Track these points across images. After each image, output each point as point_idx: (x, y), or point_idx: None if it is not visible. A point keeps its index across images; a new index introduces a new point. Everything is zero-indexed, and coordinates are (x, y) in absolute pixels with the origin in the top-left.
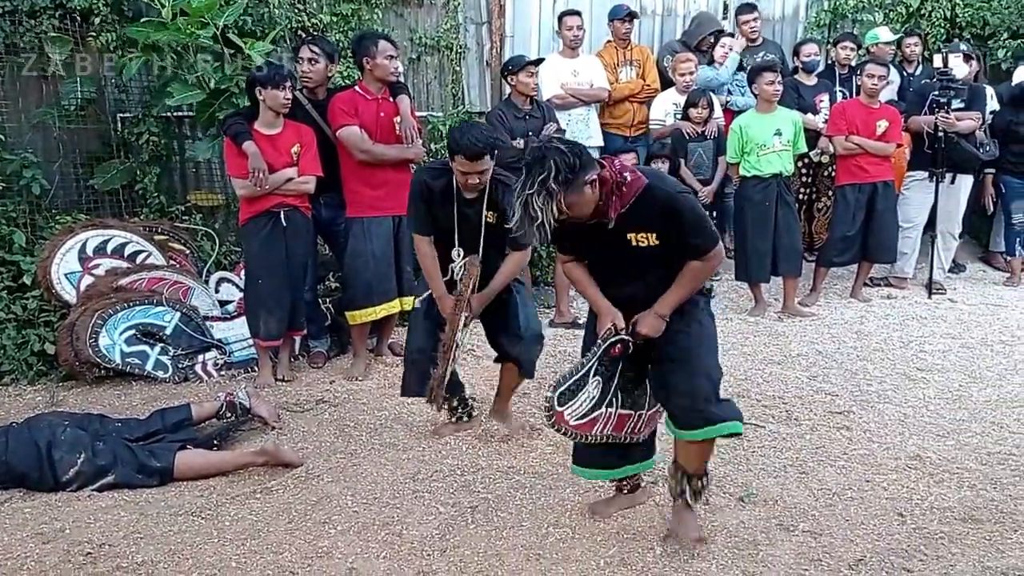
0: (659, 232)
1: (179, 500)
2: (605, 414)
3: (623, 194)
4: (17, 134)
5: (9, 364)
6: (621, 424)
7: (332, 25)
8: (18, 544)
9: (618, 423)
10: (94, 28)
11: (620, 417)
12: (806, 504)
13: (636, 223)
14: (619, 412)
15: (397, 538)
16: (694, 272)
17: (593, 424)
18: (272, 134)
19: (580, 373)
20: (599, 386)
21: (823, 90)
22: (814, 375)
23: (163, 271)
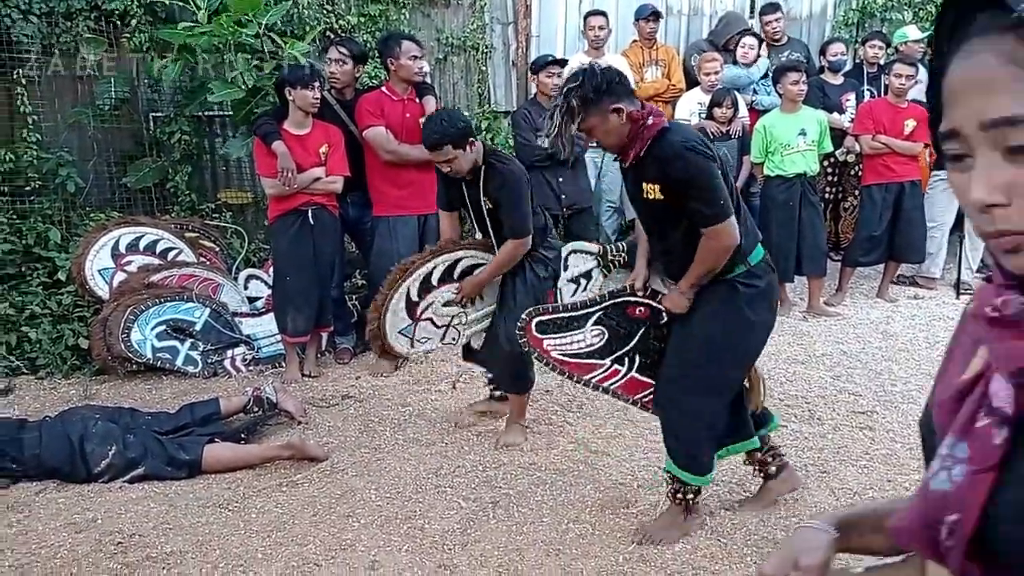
0: (662, 185)
1: (207, 492)
2: (610, 368)
3: (643, 137)
4: (53, 133)
5: (44, 358)
6: (632, 387)
7: (360, 26)
8: (52, 533)
9: (628, 385)
10: (128, 29)
11: (632, 381)
12: (826, 503)
13: (647, 172)
14: (633, 375)
15: (419, 532)
16: (703, 248)
17: (587, 369)
18: (301, 134)
19: (573, 313)
20: (602, 337)
21: (850, 89)
22: (838, 375)
23: (193, 268)
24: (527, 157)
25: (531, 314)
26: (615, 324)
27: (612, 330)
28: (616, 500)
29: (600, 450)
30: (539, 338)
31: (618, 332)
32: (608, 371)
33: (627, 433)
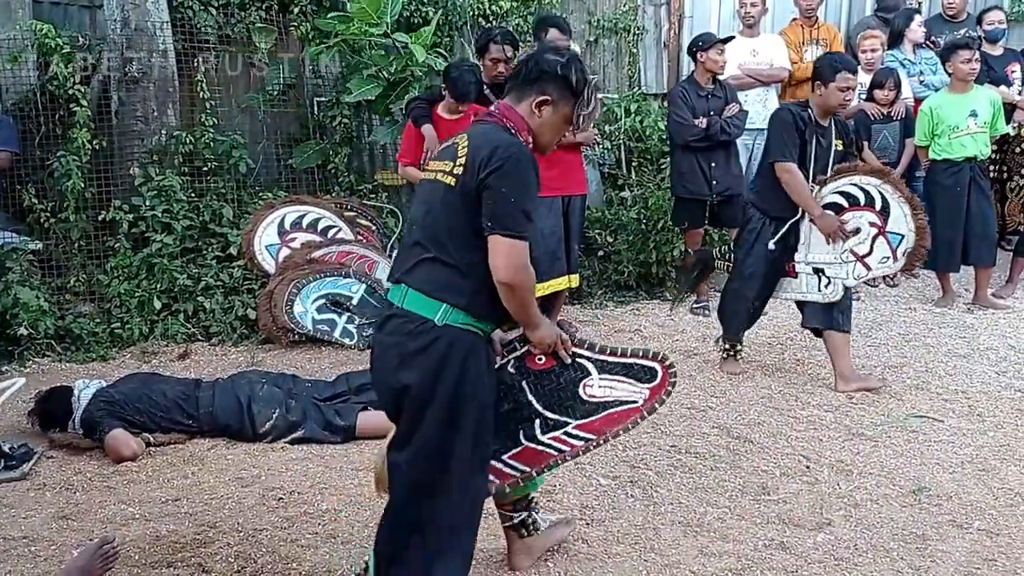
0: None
1: (360, 457)
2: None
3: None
4: (227, 118)
5: (217, 326)
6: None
7: (513, 10)
8: (221, 486)
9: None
10: (295, 18)
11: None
12: (984, 502)
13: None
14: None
15: (558, 504)
16: None
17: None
18: (454, 118)
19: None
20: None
21: (1012, 59)
22: (1003, 370)
23: (352, 245)
24: (682, 137)
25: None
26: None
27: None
28: (756, 486)
29: (742, 436)
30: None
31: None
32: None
33: (771, 420)
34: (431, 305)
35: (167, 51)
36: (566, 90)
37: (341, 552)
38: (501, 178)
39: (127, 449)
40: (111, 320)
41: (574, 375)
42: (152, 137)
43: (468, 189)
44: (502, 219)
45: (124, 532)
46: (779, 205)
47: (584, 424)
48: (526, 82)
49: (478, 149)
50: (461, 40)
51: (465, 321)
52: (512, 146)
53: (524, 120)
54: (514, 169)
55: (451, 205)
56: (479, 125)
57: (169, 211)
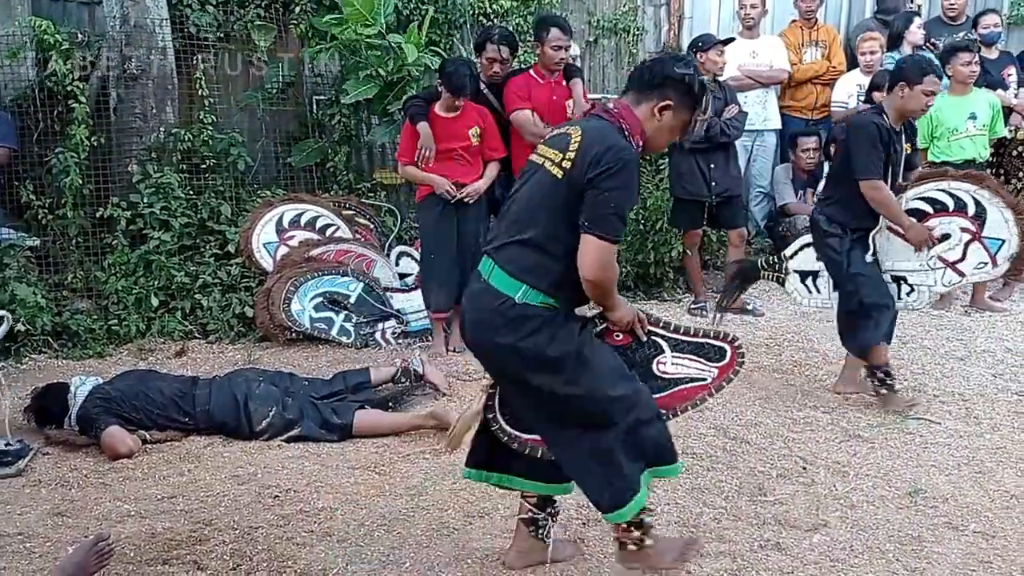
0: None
1: (356, 455)
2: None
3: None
4: (226, 115)
5: (214, 324)
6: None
7: (513, 10)
8: (217, 483)
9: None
10: (294, 17)
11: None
12: (980, 505)
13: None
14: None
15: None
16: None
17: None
18: (450, 116)
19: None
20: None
21: (1009, 62)
22: (1000, 372)
23: (350, 244)
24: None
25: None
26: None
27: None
28: (752, 487)
29: (739, 437)
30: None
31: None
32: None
33: (768, 421)
34: (513, 285)
35: (166, 48)
36: (688, 97)
37: (336, 550)
38: (607, 180)
39: (123, 446)
40: (108, 317)
41: (648, 352)
42: (151, 134)
43: (574, 184)
44: (600, 221)
45: (119, 529)
46: (859, 217)
47: (656, 399)
48: (649, 86)
49: (590, 146)
50: (459, 39)
51: (544, 301)
52: (623, 150)
53: (641, 123)
54: (622, 173)
55: (554, 195)
56: (594, 120)
57: (167, 208)
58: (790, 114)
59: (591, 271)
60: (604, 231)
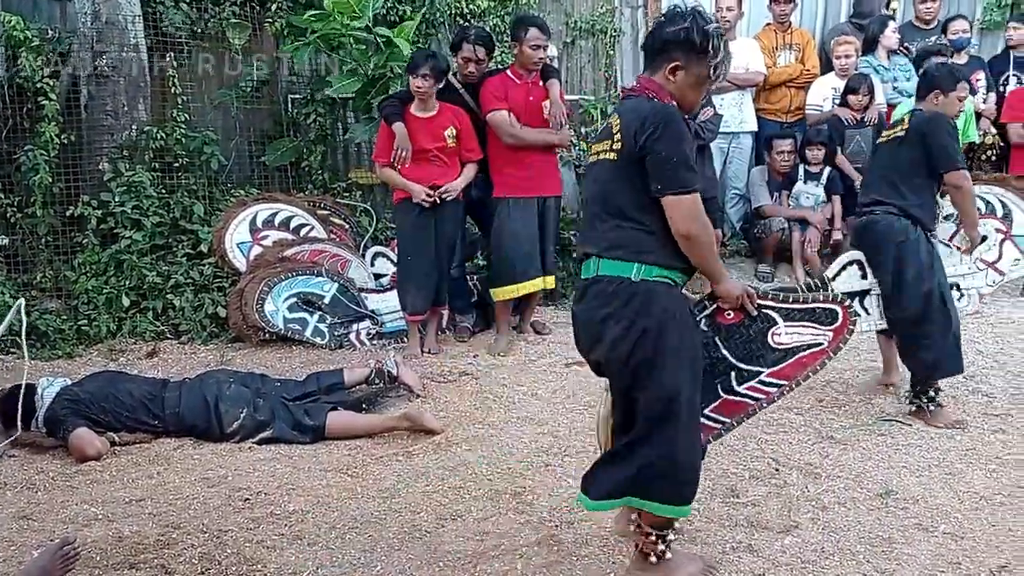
0: None
1: (329, 457)
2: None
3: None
4: (200, 114)
5: (186, 324)
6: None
7: (490, 10)
8: (187, 486)
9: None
10: (270, 14)
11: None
12: (949, 506)
13: None
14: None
15: (528, 507)
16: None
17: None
18: (426, 116)
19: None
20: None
21: (977, 67)
22: (971, 375)
23: (324, 244)
24: None
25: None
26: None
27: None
28: (725, 489)
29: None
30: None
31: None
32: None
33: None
34: (625, 267)
35: (138, 45)
36: (692, 52)
37: (307, 554)
38: (658, 141)
39: (91, 448)
40: (78, 317)
41: (762, 326)
42: (122, 132)
43: (631, 158)
44: (668, 181)
45: (86, 533)
46: (932, 216)
47: (776, 371)
48: (654, 54)
49: (630, 122)
50: (437, 38)
51: (659, 274)
52: (658, 110)
53: (664, 88)
54: (666, 129)
55: (619, 176)
56: (626, 102)
57: (139, 207)
58: (765, 117)
59: (683, 226)
60: (676, 186)
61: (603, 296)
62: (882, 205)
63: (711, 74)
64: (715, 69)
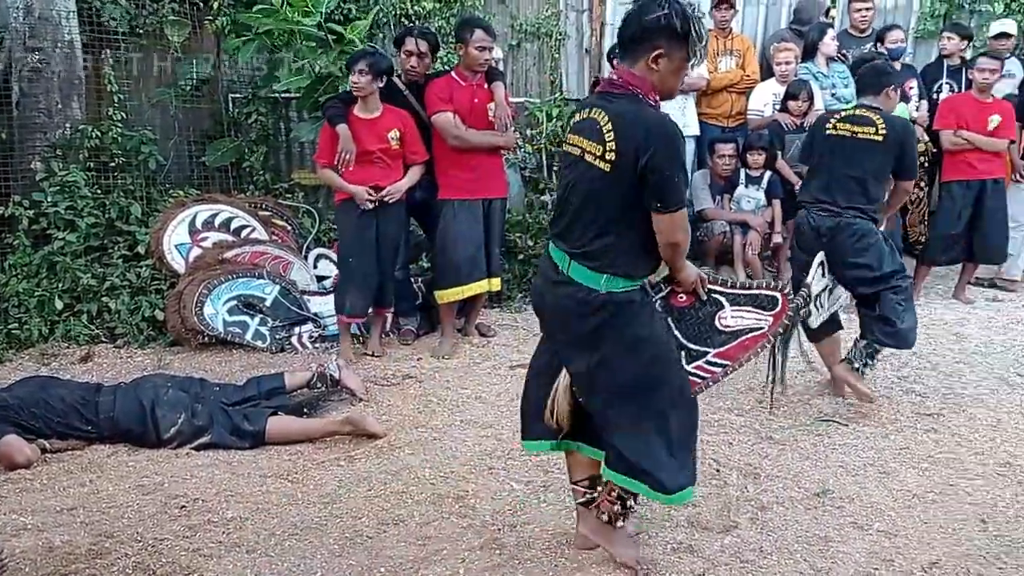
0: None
1: (269, 463)
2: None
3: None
4: (138, 112)
5: (122, 327)
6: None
7: (435, 12)
8: (121, 494)
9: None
10: (211, 12)
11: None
12: (883, 504)
13: None
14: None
15: (470, 511)
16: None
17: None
18: (369, 118)
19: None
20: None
21: (910, 75)
22: (905, 375)
23: (266, 246)
24: None
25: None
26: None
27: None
28: None
29: None
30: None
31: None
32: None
33: None
34: (594, 277)
35: (73, 42)
36: (674, 38)
37: (245, 561)
38: (661, 161)
39: (20, 456)
40: (8, 320)
41: (711, 309)
42: (56, 130)
43: (626, 173)
44: (669, 199)
45: (15, 543)
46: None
47: (721, 352)
48: (634, 43)
49: (628, 135)
50: (383, 39)
51: (625, 285)
52: (661, 125)
53: (646, 80)
54: (668, 149)
55: (610, 187)
56: (613, 102)
57: (73, 208)
58: (707, 121)
59: (673, 237)
60: (674, 204)
61: (572, 298)
62: (852, 209)
63: (691, 56)
64: (695, 52)
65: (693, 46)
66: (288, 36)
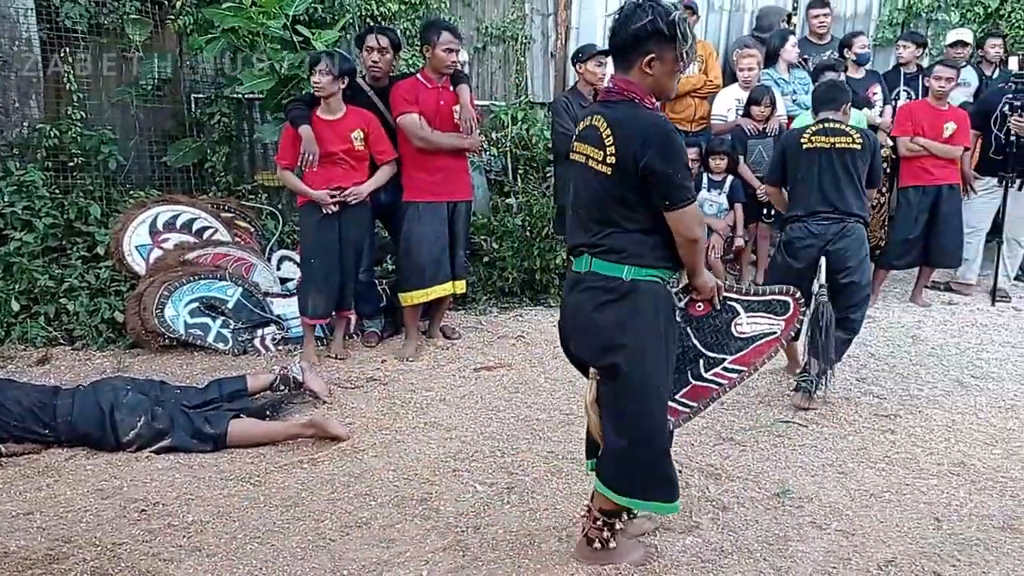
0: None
1: (230, 466)
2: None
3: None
4: (97, 111)
5: (81, 330)
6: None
7: (400, 14)
8: (79, 498)
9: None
10: (173, 11)
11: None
12: (841, 504)
13: None
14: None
15: (434, 513)
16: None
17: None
18: (332, 119)
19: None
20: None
21: (874, 81)
22: (863, 377)
23: (228, 247)
24: (565, 147)
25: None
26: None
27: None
28: None
29: None
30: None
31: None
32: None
33: None
34: (617, 268)
35: (31, 39)
36: (663, 41)
37: (206, 565)
38: (662, 162)
39: None
40: None
41: (727, 316)
42: (13, 129)
43: (627, 174)
44: (674, 196)
45: None
46: None
47: (738, 358)
48: (626, 50)
49: (626, 137)
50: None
51: (648, 274)
52: (656, 126)
53: (642, 85)
54: (667, 148)
55: (612, 190)
56: (612, 107)
57: (30, 208)
58: None
59: (689, 233)
60: (681, 200)
61: (595, 291)
62: (853, 216)
63: (680, 58)
64: (684, 54)
65: (681, 47)
66: (253, 37)
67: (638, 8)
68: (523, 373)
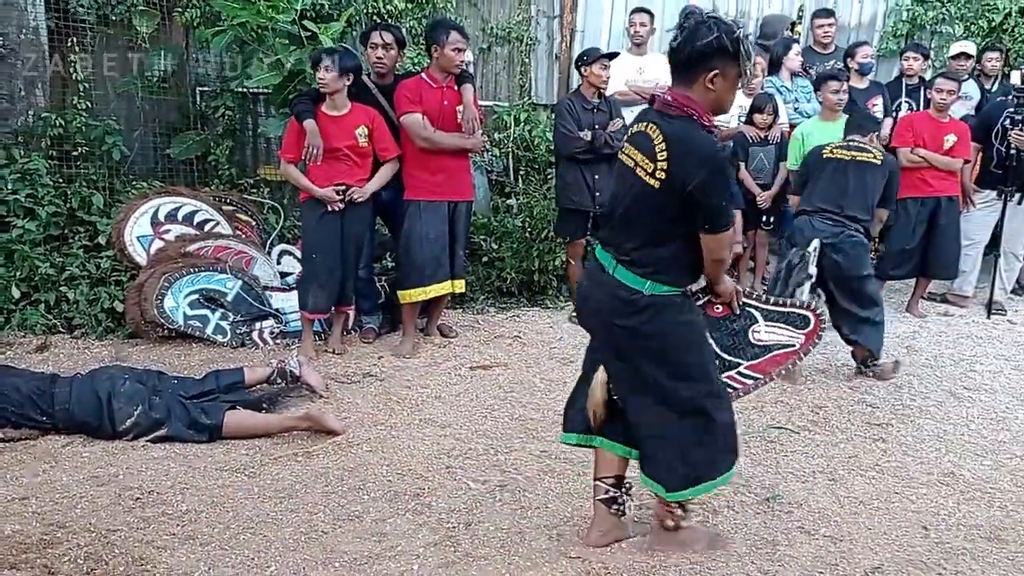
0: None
1: (225, 457)
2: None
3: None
4: (103, 102)
5: (80, 318)
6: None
7: (407, 12)
8: (75, 485)
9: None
10: (181, 4)
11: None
12: (830, 510)
13: None
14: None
15: (426, 508)
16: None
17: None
18: (337, 115)
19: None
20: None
21: (876, 92)
22: (856, 386)
23: (229, 240)
24: (567, 148)
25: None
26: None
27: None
28: None
29: None
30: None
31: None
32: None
33: None
34: (639, 281)
35: (38, 28)
36: (728, 57)
37: (199, 554)
38: (710, 187)
39: None
40: None
41: (745, 322)
42: (18, 117)
43: (674, 193)
44: (717, 222)
45: None
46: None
47: (754, 365)
48: (690, 65)
49: (682, 156)
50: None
51: (669, 291)
52: (713, 155)
53: (704, 100)
54: (720, 177)
55: (655, 202)
56: (670, 121)
57: (33, 196)
58: None
59: (719, 254)
60: (721, 226)
61: (616, 297)
62: (856, 223)
63: (743, 74)
64: (747, 71)
65: (744, 62)
66: (261, 31)
67: (702, 25)
68: (518, 373)
